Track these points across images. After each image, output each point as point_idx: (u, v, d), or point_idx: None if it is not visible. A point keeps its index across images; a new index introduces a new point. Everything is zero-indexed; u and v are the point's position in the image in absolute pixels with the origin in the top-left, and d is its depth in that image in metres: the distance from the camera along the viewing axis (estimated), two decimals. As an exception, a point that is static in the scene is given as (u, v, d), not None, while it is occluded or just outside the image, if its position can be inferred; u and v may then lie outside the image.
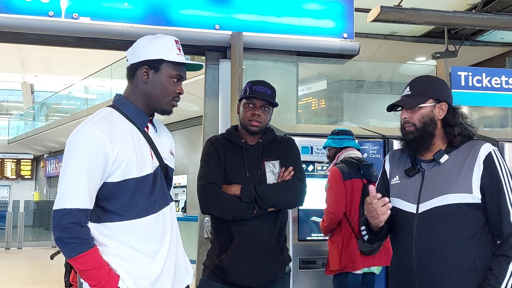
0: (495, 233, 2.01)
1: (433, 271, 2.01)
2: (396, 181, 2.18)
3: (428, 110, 2.10)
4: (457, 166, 2.04)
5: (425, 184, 2.08)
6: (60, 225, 1.77)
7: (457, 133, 2.10)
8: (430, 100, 2.10)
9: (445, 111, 2.11)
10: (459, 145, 2.08)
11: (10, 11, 4.23)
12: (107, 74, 14.86)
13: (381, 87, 7.91)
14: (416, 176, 2.12)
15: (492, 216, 2.00)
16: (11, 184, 24.30)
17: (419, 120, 2.09)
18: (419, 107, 2.10)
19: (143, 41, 2.01)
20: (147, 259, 1.89)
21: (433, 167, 2.09)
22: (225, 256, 2.52)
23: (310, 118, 7.84)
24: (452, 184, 2.01)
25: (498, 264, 1.95)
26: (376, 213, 2.03)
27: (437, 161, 2.08)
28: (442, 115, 2.11)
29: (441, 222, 2.01)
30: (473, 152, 2.04)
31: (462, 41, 8.66)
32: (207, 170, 2.57)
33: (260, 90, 2.60)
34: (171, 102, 2.02)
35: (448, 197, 2.00)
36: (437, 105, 2.10)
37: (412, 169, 2.13)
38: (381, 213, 2.03)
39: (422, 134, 2.09)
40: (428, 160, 2.12)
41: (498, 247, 1.99)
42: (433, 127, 2.10)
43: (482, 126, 7.27)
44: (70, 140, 1.84)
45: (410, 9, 5.98)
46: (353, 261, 3.54)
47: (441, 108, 2.11)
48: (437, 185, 2.05)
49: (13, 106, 26.36)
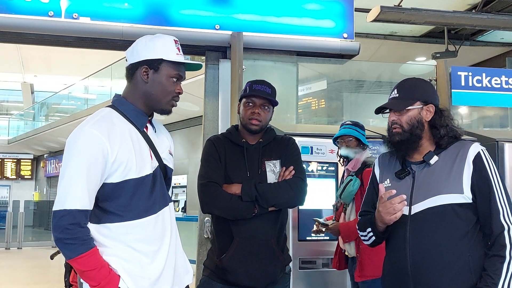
0: (486, 232, 2.03)
1: (427, 271, 2.02)
2: (387, 184, 2.19)
3: (416, 112, 2.12)
4: (447, 167, 2.05)
5: (416, 185, 2.10)
6: (60, 226, 1.77)
7: (443, 134, 2.11)
8: (418, 102, 2.12)
9: (432, 113, 2.13)
10: (446, 146, 2.10)
11: (10, 11, 4.23)
12: (107, 74, 14.86)
13: (381, 87, 7.91)
14: (407, 178, 2.13)
15: (482, 215, 2.02)
16: (11, 184, 24.31)
17: (407, 122, 2.11)
18: (407, 110, 2.12)
19: (142, 41, 2.01)
20: (147, 260, 1.89)
21: (423, 169, 2.11)
22: (225, 256, 2.52)
23: (310, 118, 7.84)
24: (443, 185, 2.03)
25: (492, 264, 1.97)
26: (392, 209, 2.03)
27: (427, 162, 2.09)
28: (430, 117, 2.13)
29: (433, 223, 2.03)
30: (462, 152, 2.06)
31: (462, 41, 8.66)
32: (208, 169, 2.57)
33: (260, 89, 2.61)
34: (170, 102, 2.02)
35: (440, 198, 2.02)
36: (424, 107, 2.13)
37: (403, 172, 2.15)
38: (398, 209, 2.03)
39: (410, 137, 2.11)
40: (418, 162, 2.13)
41: (490, 247, 2.00)
42: (420, 129, 2.12)
43: (482, 126, 7.28)
44: (70, 141, 1.84)
45: (410, 9, 5.98)
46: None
47: (428, 110, 2.13)
48: (428, 187, 2.06)
49: (13, 106, 26.36)
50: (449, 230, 2.01)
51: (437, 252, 2.01)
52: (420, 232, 2.04)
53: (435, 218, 2.02)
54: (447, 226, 2.01)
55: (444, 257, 2.00)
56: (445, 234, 2.01)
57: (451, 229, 2.01)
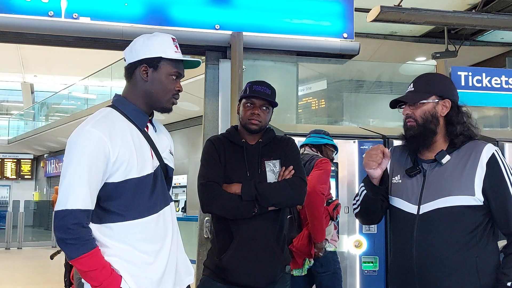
0: (504, 232, 2.01)
1: (434, 272, 2.00)
2: (397, 180, 2.16)
3: (431, 106, 2.08)
4: (459, 167, 2.02)
5: (427, 185, 2.07)
6: (62, 226, 1.77)
7: (459, 132, 2.08)
8: (433, 96, 2.09)
9: (448, 108, 2.09)
10: (460, 145, 2.07)
11: (10, 11, 4.22)
12: (107, 74, 14.86)
13: (381, 87, 7.92)
14: (418, 176, 2.10)
15: (498, 216, 1.99)
16: (11, 184, 24.31)
17: (421, 116, 2.08)
18: (421, 103, 2.08)
19: (140, 40, 2.01)
20: (149, 260, 1.89)
21: (434, 168, 2.08)
22: (225, 256, 2.52)
23: (310, 118, 7.84)
24: (454, 186, 2.00)
25: (509, 262, 1.95)
26: (376, 155, 2.08)
27: (438, 161, 2.06)
28: (445, 112, 2.09)
29: (442, 224, 2.00)
30: (475, 153, 2.02)
31: (462, 41, 8.66)
32: (208, 169, 2.57)
33: (260, 90, 2.61)
34: (171, 100, 2.02)
35: (451, 199, 1.99)
36: (440, 101, 2.09)
37: (414, 169, 2.11)
38: (378, 159, 2.08)
39: (423, 131, 2.08)
40: (429, 160, 2.10)
41: (507, 245, 1.99)
42: (435, 124, 2.08)
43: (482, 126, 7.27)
44: (71, 141, 1.84)
45: (410, 9, 5.98)
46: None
47: (444, 105, 2.09)
48: (439, 187, 2.03)
49: (13, 106, 26.36)
50: (457, 231, 1.98)
51: (444, 253, 1.99)
52: (428, 232, 2.02)
53: (444, 219, 2.00)
54: (456, 227, 1.99)
55: (451, 258, 1.98)
56: (453, 236, 1.99)
57: (460, 230, 1.98)
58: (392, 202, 2.17)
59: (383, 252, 4.35)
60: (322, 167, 3.47)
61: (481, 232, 2.00)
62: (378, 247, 4.34)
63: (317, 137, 3.82)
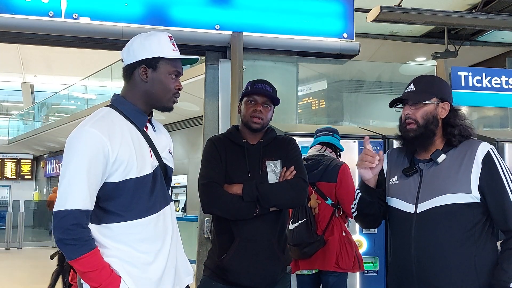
0: (502, 229, 2.01)
1: (432, 271, 2.01)
2: (394, 181, 2.18)
3: (432, 108, 2.10)
4: (455, 166, 2.04)
5: (423, 184, 2.08)
6: (61, 227, 1.76)
7: (457, 133, 2.10)
8: (434, 98, 2.11)
9: (447, 111, 2.12)
10: (457, 144, 2.09)
11: (10, 11, 4.22)
12: (107, 74, 14.86)
13: (381, 87, 7.92)
14: (414, 176, 2.12)
15: (496, 213, 2.00)
16: (11, 184, 24.29)
17: (422, 117, 2.09)
18: (424, 104, 2.09)
19: (137, 40, 2.00)
20: (148, 259, 1.89)
21: (431, 167, 2.10)
22: (226, 256, 2.51)
23: (310, 118, 7.85)
24: (450, 184, 2.02)
25: (507, 258, 1.96)
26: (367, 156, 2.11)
27: (434, 160, 2.08)
28: (444, 115, 2.12)
29: (440, 222, 2.01)
30: (470, 151, 2.04)
31: (462, 41, 8.66)
32: (208, 169, 2.57)
33: (261, 87, 2.62)
34: (171, 99, 2.01)
35: (447, 197, 2.01)
36: (440, 104, 2.11)
37: (410, 169, 2.13)
38: (371, 162, 2.10)
39: (424, 132, 2.09)
40: (425, 160, 2.12)
41: (505, 241, 1.99)
42: (435, 125, 2.10)
43: (482, 126, 7.28)
44: (70, 141, 1.83)
45: (410, 9, 5.98)
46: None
47: (443, 108, 2.12)
48: (435, 185, 2.05)
49: (13, 106, 26.36)
50: (455, 230, 2.00)
51: (442, 252, 1.99)
52: (426, 231, 2.03)
53: (441, 217, 2.01)
54: (454, 225, 2.00)
55: (450, 257, 1.99)
56: (451, 234, 2.00)
57: (458, 228, 1.99)
58: (390, 202, 2.19)
59: (383, 252, 4.35)
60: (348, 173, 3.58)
61: (479, 231, 2.01)
62: (378, 247, 4.34)
63: (330, 136, 3.82)
